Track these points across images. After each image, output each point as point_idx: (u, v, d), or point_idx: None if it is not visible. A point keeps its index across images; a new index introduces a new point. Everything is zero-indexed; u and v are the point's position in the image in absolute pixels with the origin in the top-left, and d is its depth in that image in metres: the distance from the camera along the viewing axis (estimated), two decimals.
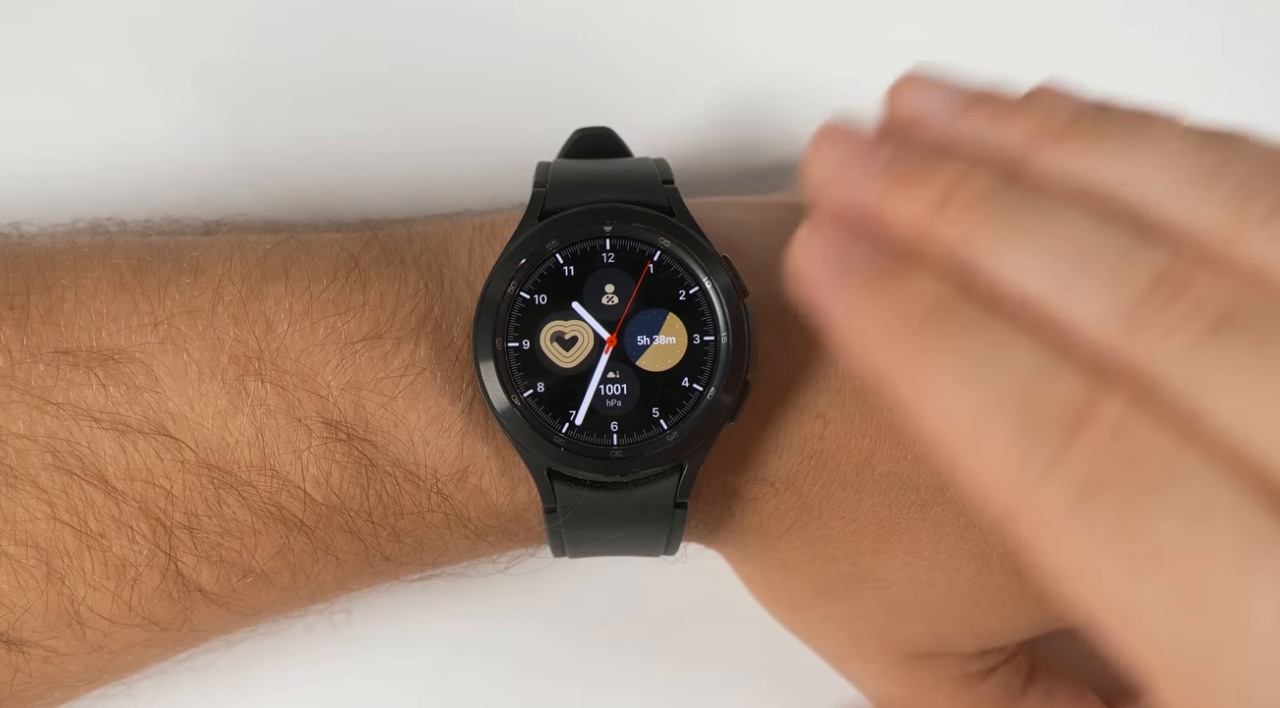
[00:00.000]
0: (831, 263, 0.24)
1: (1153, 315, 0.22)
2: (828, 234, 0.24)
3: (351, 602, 0.42)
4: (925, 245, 0.24)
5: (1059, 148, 0.24)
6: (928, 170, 0.24)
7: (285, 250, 0.37)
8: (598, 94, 0.46)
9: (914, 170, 0.24)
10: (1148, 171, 0.24)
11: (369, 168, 0.45)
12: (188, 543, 0.35)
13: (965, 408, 0.22)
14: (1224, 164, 0.23)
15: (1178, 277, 0.22)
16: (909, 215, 0.24)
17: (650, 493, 0.36)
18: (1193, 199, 0.23)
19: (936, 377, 0.23)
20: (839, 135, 0.25)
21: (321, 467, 0.36)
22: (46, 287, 0.36)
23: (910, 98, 0.26)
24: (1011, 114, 0.25)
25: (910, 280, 0.23)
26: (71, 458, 0.35)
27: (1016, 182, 0.24)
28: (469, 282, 0.37)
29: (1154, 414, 0.21)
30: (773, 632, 0.42)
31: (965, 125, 0.25)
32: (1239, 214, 0.23)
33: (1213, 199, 0.23)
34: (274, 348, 0.36)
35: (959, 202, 0.24)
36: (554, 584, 0.44)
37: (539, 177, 0.37)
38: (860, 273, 0.24)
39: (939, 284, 0.23)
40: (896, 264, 0.24)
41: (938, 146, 0.25)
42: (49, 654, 0.35)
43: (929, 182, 0.24)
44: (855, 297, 0.23)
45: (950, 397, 0.22)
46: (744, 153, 0.46)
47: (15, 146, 0.45)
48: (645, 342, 0.36)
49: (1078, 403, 0.21)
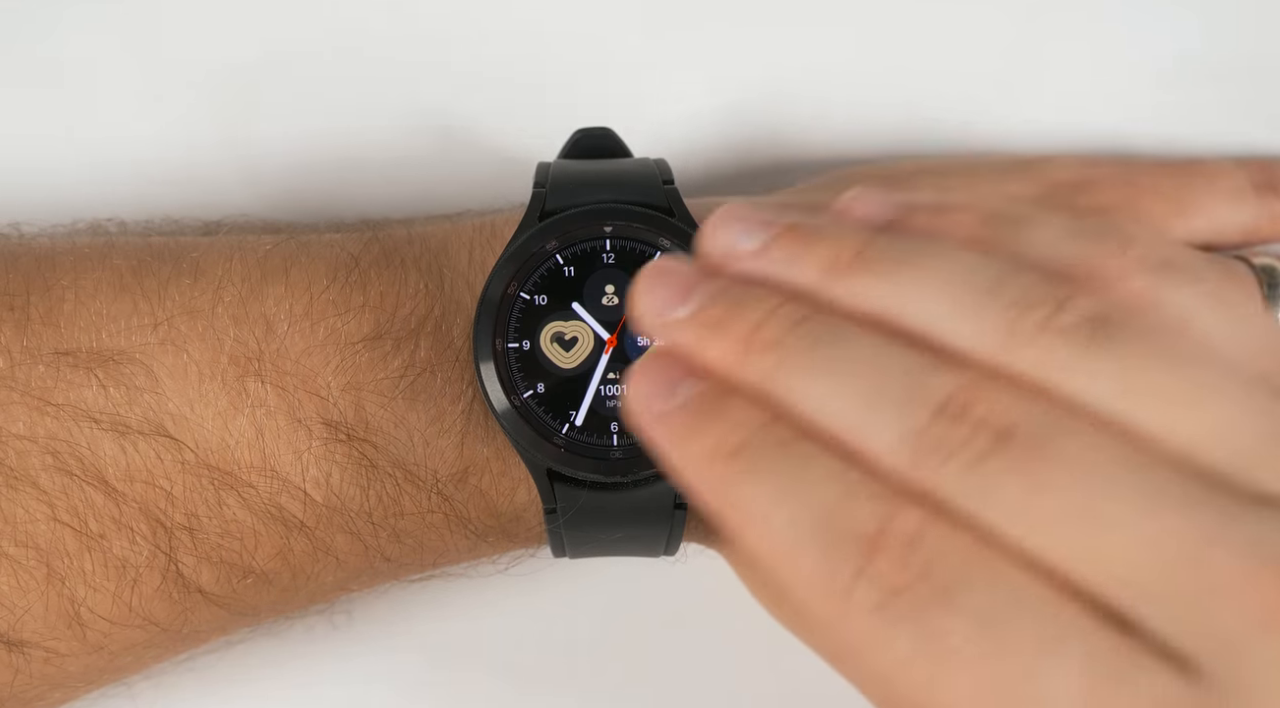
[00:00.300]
0: (657, 398, 0.26)
1: (936, 441, 0.24)
2: (653, 371, 0.26)
3: (352, 603, 0.42)
4: (739, 381, 0.26)
5: (849, 280, 0.26)
6: (732, 313, 0.26)
7: (285, 251, 0.37)
8: (598, 94, 0.46)
9: (720, 314, 0.26)
10: (929, 296, 0.25)
11: (369, 168, 0.45)
12: (188, 544, 0.35)
13: (779, 530, 0.24)
14: (1001, 278, 0.25)
15: (960, 400, 0.24)
16: (719, 357, 0.26)
17: (650, 494, 0.36)
18: (971, 320, 0.25)
19: (752, 501, 0.25)
20: (661, 275, 0.27)
21: (322, 467, 0.36)
22: (46, 288, 0.36)
23: (718, 237, 0.27)
24: (810, 245, 0.27)
25: (728, 411, 0.25)
26: (72, 459, 0.35)
27: (818, 314, 0.26)
28: (469, 282, 0.37)
29: (946, 526, 0.24)
30: (773, 632, 0.42)
31: (767, 262, 0.27)
32: (1012, 331, 0.25)
33: (987, 318, 0.25)
34: (274, 349, 0.36)
35: (759, 342, 0.26)
36: (554, 585, 0.44)
37: (539, 177, 0.37)
38: (683, 407, 0.26)
39: (754, 413, 0.25)
40: (718, 396, 0.26)
41: (749, 282, 0.27)
42: (49, 655, 0.35)
43: (732, 325, 0.26)
44: (679, 428, 0.26)
45: (766, 520, 0.24)
46: (744, 153, 0.46)
47: (15, 146, 0.45)
48: (646, 342, 0.36)
49: (878, 520, 0.24)
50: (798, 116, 0.46)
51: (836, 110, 0.46)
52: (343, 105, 0.45)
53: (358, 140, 0.45)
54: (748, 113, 0.46)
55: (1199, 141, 0.46)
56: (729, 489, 0.25)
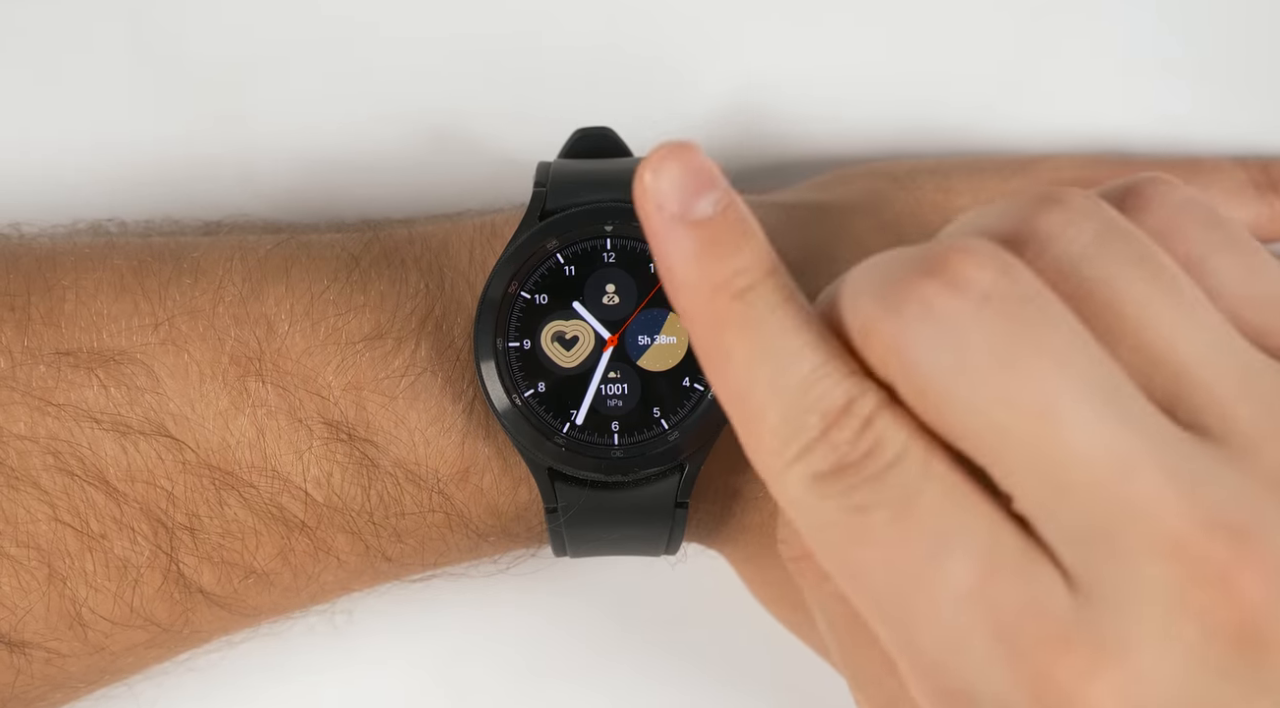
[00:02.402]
0: (679, 196, 0.26)
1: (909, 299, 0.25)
2: (684, 167, 0.27)
3: (353, 602, 0.42)
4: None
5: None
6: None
7: (286, 251, 0.37)
8: (598, 94, 0.46)
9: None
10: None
11: (369, 168, 0.45)
12: (189, 544, 0.35)
13: (757, 382, 0.26)
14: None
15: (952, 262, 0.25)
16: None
17: (651, 493, 0.36)
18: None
19: (740, 346, 0.26)
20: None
21: (323, 467, 0.36)
22: (47, 288, 0.36)
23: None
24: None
25: (745, 248, 0.26)
26: (73, 459, 0.35)
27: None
28: (470, 282, 0.37)
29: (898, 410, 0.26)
30: (773, 632, 0.42)
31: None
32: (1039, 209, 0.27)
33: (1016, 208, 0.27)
34: (275, 348, 0.36)
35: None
36: (555, 584, 0.44)
37: (539, 176, 0.37)
38: (705, 223, 0.26)
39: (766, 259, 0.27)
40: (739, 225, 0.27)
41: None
42: (51, 656, 0.35)
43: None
44: (697, 242, 0.26)
45: (746, 368, 0.26)
46: (744, 153, 0.46)
47: (15, 146, 0.45)
48: (646, 341, 0.36)
49: (847, 396, 0.26)
50: (798, 116, 0.46)
51: (837, 110, 0.46)
52: (343, 105, 0.45)
53: (358, 140, 0.45)
54: (748, 112, 0.46)
55: (1199, 141, 0.46)
56: (724, 327, 0.26)
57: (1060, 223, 0.26)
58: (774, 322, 0.26)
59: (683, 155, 0.26)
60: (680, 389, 0.36)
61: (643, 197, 0.27)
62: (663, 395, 0.36)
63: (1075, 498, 0.24)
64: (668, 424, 0.36)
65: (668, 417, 0.36)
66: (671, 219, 0.26)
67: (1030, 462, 0.24)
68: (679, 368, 0.36)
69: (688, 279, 0.27)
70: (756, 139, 0.46)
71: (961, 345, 0.25)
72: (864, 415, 0.25)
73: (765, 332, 0.26)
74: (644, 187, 0.27)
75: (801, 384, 0.26)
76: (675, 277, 0.27)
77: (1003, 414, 0.24)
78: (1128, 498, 0.24)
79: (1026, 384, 0.24)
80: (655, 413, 0.36)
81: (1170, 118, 0.46)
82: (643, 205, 0.27)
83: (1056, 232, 0.26)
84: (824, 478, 0.25)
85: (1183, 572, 0.24)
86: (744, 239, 0.26)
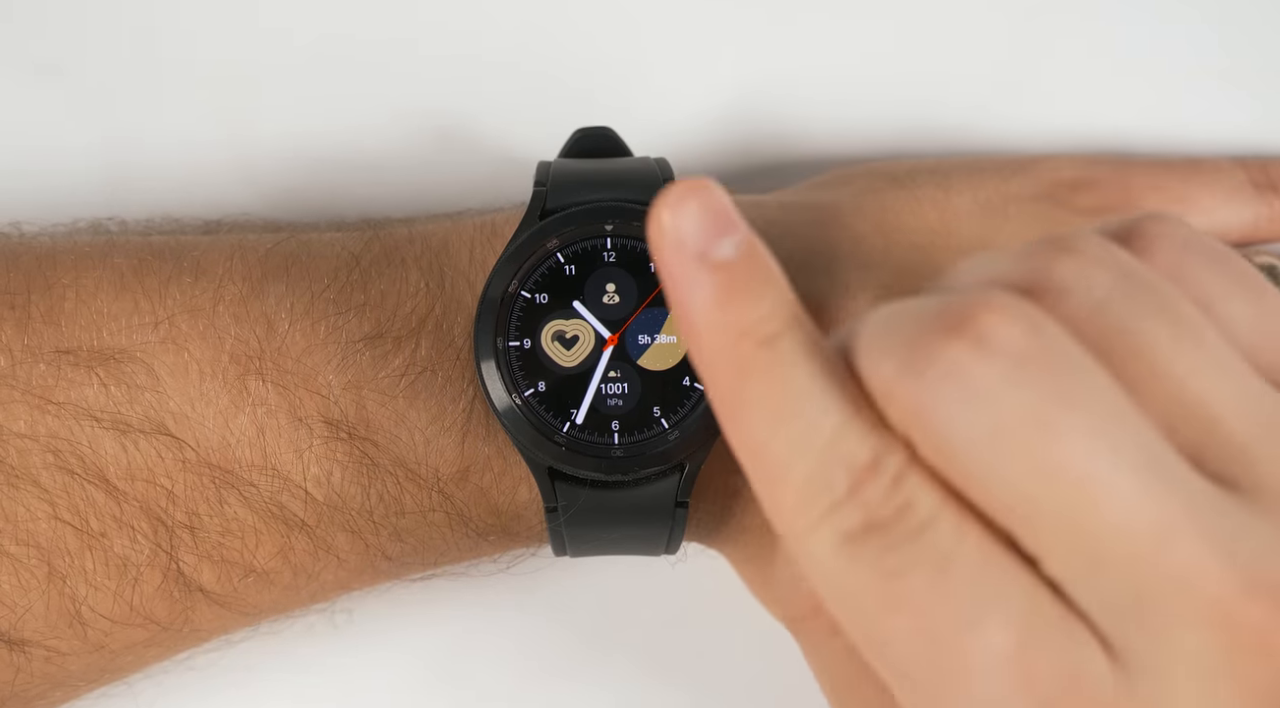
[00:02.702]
0: (701, 237, 0.25)
1: (929, 364, 0.24)
2: (706, 207, 0.25)
3: (353, 601, 0.42)
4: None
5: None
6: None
7: (286, 250, 0.37)
8: (598, 94, 0.46)
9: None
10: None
11: (369, 167, 0.45)
12: (189, 542, 0.35)
13: (781, 435, 0.25)
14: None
15: (973, 318, 0.24)
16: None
17: (651, 492, 0.36)
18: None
19: (765, 398, 0.25)
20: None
21: (323, 466, 0.36)
22: (47, 286, 0.36)
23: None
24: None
25: (769, 293, 0.25)
26: (73, 457, 0.35)
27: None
28: (470, 281, 0.37)
29: (925, 470, 0.24)
30: (773, 632, 0.42)
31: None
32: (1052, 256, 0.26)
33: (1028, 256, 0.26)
34: (275, 347, 0.36)
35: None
36: (555, 584, 0.44)
37: (540, 176, 0.37)
38: (728, 265, 0.25)
39: (792, 307, 0.25)
40: (763, 270, 0.25)
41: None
42: (50, 654, 0.35)
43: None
44: (721, 285, 0.25)
45: (772, 420, 0.25)
46: (744, 152, 0.46)
47: (15, 146, 0.45)
48: (646, 341, 0.36)
49: (874, 452, 0.24)
50: (798, 116, 0.46)
51: (837, 110, 0.46)
52: (343, 104, 0.45)
53: (358, 139, 0.45)
54: (748, 112, 0.46)
55: (1199, 141, 0.46)
56: (748, 375, 0.25)
57: (1075, 271, 0.25)
58: (800, 371, 0.25)
59: (702, 194, 0.25)
60: (680, 389, 0.36)
61: (660, 237, 0.25)
62: (663, 395, 0.36)
63: (1114, 569, 0.23)
64: (668, 424, 0.36)
65: (668, 416, 0.36)
66: (692, 261, 0.25)
67: (1065, 532, 0.24)
68: (679, 367, 0.36)
69: (710, 324, 0.25)
70: (756, 139, 0.46)
71: (993, 412, 0.23)
72: (893, 472, 0.24)
73: (791, 382, 0.25)
74: (662, 227, 0.25)
75: (828, 439, 0.24)
76: (695, 321, 0.25)
77: (1038, 485, 0.23)
78: (1168, 568, 0.23)
79: (1063, 454, 0.23)
80: (655, 412, 0.36)
81: (1169, 117, 0.46)
82: (660, 246, 0.25)
83: (1072, 280, 0.25)
84: (854, 539, 0.24)
85: (1225, 639, 0.23)
86: (767, 284, 0.25)
